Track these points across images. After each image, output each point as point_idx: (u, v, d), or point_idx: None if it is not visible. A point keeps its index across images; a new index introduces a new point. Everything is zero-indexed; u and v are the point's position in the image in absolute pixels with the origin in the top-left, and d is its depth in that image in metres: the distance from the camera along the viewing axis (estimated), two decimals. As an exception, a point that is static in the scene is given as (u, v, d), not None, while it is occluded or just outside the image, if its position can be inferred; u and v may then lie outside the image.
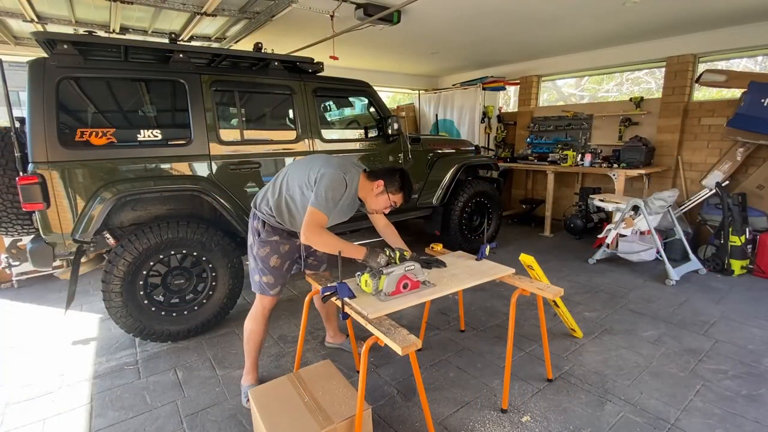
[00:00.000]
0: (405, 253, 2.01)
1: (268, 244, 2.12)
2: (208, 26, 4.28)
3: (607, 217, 5.10)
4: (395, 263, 1.92)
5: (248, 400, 2.02)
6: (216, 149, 2.95)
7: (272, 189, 2.10)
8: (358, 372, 2.23)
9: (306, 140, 3.37)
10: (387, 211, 2.16)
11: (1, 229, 2.71)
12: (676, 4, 3.72)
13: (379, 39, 4.86)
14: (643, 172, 4.68)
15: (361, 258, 1.94)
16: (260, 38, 4.27)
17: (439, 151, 4.42)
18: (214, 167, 2.95)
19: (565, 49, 5.62)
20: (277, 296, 2.21)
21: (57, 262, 2.76)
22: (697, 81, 4.61)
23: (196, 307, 2.89)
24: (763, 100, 3.94)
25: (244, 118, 3.23)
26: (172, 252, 2.75)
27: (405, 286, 1.85)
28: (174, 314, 2.81)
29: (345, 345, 2.69)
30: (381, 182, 2.03)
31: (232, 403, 2.19)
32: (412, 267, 1.86)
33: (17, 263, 3.57)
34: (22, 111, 2.62)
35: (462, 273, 2.13)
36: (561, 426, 1.97)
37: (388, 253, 1.97)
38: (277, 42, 4.87)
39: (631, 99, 5.34)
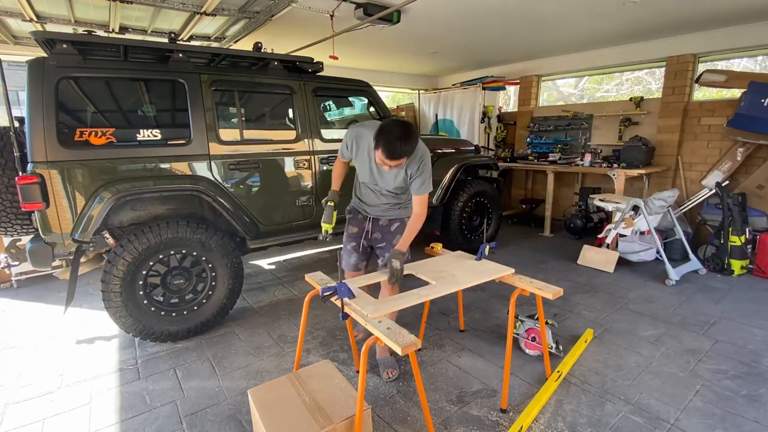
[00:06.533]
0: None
1: None
2: (207, 26, 4.27)
3: (607, 217, 5.10)
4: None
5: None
6: (216, 149, 2.95)
7: None
8: (358, 372, 2.23)
9: (306, 140, 3.36)
10: (389, 170, 2.09)
11: (0, 229, 2.70)
12: (676, 4, 3.72)
13: (379, 39, 4.85)
14: (643, 172, 4.68)
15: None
16: (260, 38, 4.27)
17: (439, 151, 4.42)
18: (214, 167, 2.95)
19: (565, 49, 5.61)
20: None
21: (56, 262, 2.76)
22: (697, 81, 4.61)
23: (195, 307, 2.88)
24: (763, 100, 3.93)
25: (243, 118, 3.23)
26: (172, 252, 2.74)
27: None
28: (174, 314, 2.81)
29: None
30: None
31: (231, 403, 2.19)
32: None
33: (16, 263, 3.58)
34: (21, 111, 2.61)
35: (462, 273, 2.13)
36: (561, 426, 1.97)
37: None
38: (277, 42, 4.86)
39: (631, 99, 5.33)
